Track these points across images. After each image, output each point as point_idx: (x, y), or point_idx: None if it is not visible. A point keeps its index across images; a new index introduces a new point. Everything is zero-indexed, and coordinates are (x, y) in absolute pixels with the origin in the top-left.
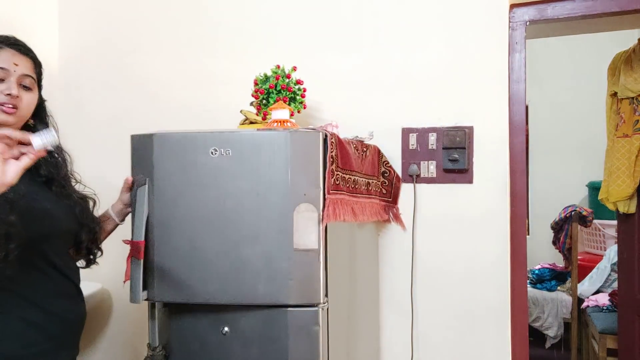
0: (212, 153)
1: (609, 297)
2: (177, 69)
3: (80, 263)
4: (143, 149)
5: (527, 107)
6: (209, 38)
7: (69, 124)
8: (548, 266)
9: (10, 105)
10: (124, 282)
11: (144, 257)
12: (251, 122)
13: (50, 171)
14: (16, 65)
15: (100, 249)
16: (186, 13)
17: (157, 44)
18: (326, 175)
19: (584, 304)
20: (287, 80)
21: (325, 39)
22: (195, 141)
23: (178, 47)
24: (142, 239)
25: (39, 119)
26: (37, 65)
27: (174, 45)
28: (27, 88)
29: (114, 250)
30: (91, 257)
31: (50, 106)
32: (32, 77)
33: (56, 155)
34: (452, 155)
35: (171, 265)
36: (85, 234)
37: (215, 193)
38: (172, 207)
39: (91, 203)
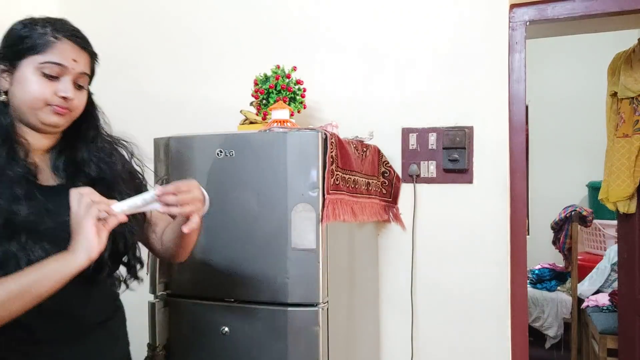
0: (217, 154)
1: (609, 297)
2: (178, 69)
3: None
4: (162, 151)
5: (527, 107)
6: (209, 38)
7: None
8: (548, 266)
9: (64, 107)
10: (146, 274)
11: None
12: (251, 122)
13: (94, 174)
14: (75, 61)
15: (139, 261)
16: (186, 14)
17: (157, 44)
18: (326, 175)
19: (584, 304)
20: (287, 80)
21: (325, 39)
22: (203, 143)
23: (179, 47)
24: None
25: (87, 113)
26: (92, 60)
27: (174, 46)
28: (80, 87)
29: None
30: (127, 277)
31: None
32: (88, 75)
33: (97, 153)
34: (452, 155)
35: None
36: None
37: (219, 193)
38: None
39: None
